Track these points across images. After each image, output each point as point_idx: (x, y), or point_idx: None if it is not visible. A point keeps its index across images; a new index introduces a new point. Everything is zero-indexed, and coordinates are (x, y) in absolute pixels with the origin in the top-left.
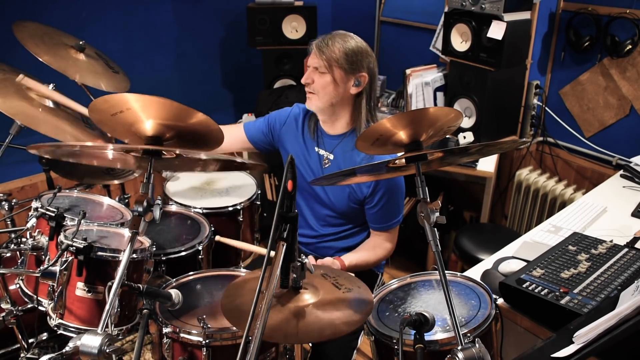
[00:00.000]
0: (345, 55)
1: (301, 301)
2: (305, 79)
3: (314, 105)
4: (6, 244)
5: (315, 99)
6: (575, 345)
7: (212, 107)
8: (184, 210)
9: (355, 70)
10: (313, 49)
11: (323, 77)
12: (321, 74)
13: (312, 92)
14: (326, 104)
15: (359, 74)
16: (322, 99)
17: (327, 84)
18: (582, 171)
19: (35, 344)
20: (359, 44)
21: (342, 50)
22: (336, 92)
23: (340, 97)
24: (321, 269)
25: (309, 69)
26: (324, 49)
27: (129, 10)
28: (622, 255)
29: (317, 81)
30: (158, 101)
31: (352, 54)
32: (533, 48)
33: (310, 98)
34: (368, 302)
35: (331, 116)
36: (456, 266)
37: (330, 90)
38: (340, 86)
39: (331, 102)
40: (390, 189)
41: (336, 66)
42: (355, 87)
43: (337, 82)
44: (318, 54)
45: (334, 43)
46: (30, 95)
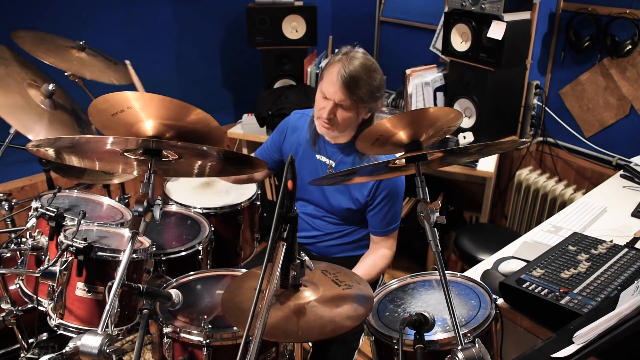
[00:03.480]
0: (371, 92)
1: (301, 299)
2: (329, 115)
3: (332, 136)
4: (6, 244)
5: (333, 131)
6: (575, 345)
7: (212, 107)
8: (184, 210)
9: (374, 102)
10: (333, 79)
11: (347, 112)
12: (345, 109)
13: (332, 125)
14: (343, 133)
15: (375, 103)
16: (341, 131)
17: (351, 120)
18: (582, 171)
19: (35, 344)
20: (377, 70)
21: (369, 90)
22: (355, 123)
23: (355, 124)
24: (321, 267)
25: (329, 102)
26: (352, 89)
27: (129, 10)
28: (622, 255)
29: (339, 116)
30: (157, 99)
31: (375, 90)
32: (533, 48)
33: (328, 129)
34: (368, 298)
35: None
36: (456, 266)
37: (350, 123)
38: (359, 118)
39: (346, 130)
40: (392, 192)
41: (361, 105)
42: (369, 113)
43: (359, 115)
44: (345, 92)
45: (359, 79)
46: (30, 93)
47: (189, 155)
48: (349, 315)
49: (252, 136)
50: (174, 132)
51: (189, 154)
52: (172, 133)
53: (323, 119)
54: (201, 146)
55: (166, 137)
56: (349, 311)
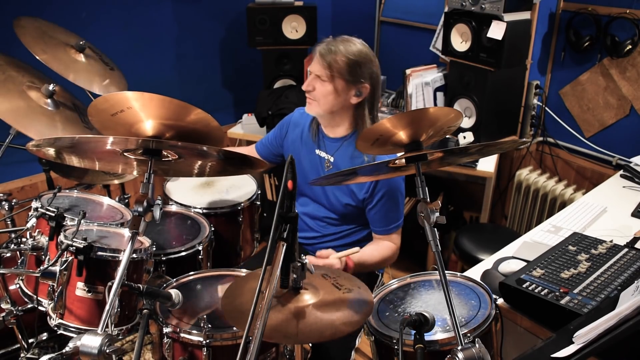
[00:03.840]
0: (348, 66)
1: (301, 301)
2: (307, 86)
3: (314, 111)
4: (6, 244)
5: (315, 105)
6: (575, 345)
7: (212, 107)
8: (184, 210)
9: (357, 81)
10: (316, 55)
11: (324, 85)
12: (323, 82)
13: (313, 98)
14: (326, 112)
15: (361, 84)
16: (322, 106)
17: (328, 92)
18: (582, 171)
19: (35, 344)
20: (363, 53)
21: (345, 61)
22: (337, 101)
23: (341, 105)
24: (322, 270)
25: (310, 75)
26: (327, 58)
27: (129, 10)
28: (622, 255)
29: (318, 89)
30: (157, 98)
31: (354, 65)
32: (533, 48)
33: (310, 104)
34: (368, 302)
35: (331, 121)
36: (456, 266)
37: (331, 99)
38: (341, 96)
39: (331, 110)
40: (390, 190)
41: (338, 77)
42: (356, 97)
43: (339, 92)
44: (320, 61)
45: (337, 52)
46: (30, 95)
47: (189, 155)
48: (348, 319)
49: (252, 136)
50: (174, 132)
51: (189, 154)
52: (172, 133)
53: (305, 92)
54: (201, 146)
55: (166, 137)
56: (348, 315)
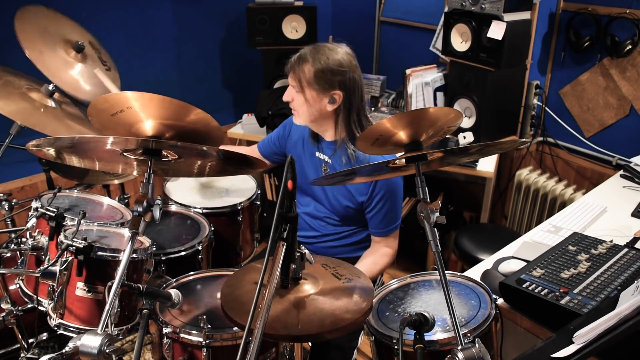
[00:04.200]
0: (315, 76)
1: (301, 292)
2: (286, 98)
3: (297, 120)
4: (6, 244)
5: (296, 115)
6: (575, 345)
7: (212, 107)
8: (184, 210)
9: (327, 90)
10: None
11: (298, 96)
12: (297, 93)
13: (293, 108)
14: (307, 121)
15: (332, 92)
16: (302, 116)
17: (302, 103)
18: (582, 171)
19: (35, 344)
20: (332, 61)
21: (312, 71)
22: (312, 110)
23: (318, 114)
24: (321, 260)
25: (289, 87)
26: (295, 69)
27: (129, 10)
28: (622, 255)
29: (295, 99)
30: (157, 98)
31: (321, 74)
32: (533, 48)
33: (295, 114)
34: (369, 291)
35: (319, 128)
36: (456, 266)
37: (306, 109)
38: (314, 105)
39: (311, 119)
40: (389, 191)
41: (307, 86)
42: (331, 105)
43: (310, 101)
44: (291, 73)
45: (304, 63)
46: (31, 96)
47: (188, 155)
48: (348, 308)
49: (252, 136)
50: (174, 132)
51: (188, 154)
52: (171, 133)
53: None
54: (201, 146)
55: (166, 137)
56: (349, 304)
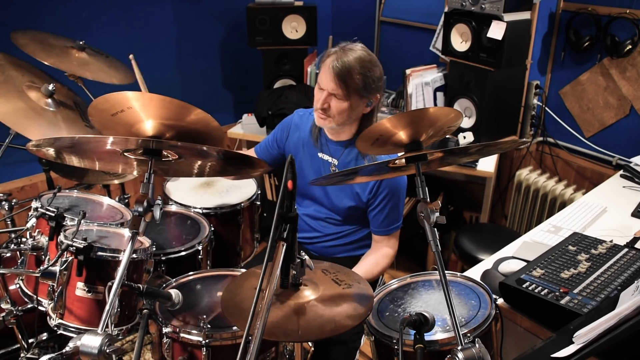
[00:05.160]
0: (364, 82)
1: (301, 298)
2: (322, 104)
3: (327, 125)
4: (6, 244)
5: (329, 121)
6: (575, 345)
7: (212, 107)
8: (184, 210)
9: (370, 94)
10: (329, 70)
11: (340, 103)
12: (338, 100)
13: (327, 115)
14: (339, 125)
15: (373, 96)
16: (337, 121)
17: (344, 109)
18: (582, 171)
19: (35, 344)
20: (373, 63)
21: (361, 78)
22: (351, 115)
23: (355, 117)
24: (321, 266)
25: (323, 92)
26: (342, 75)
27: (129, 10)
28: (622, 255)
29: (333, 106)
30: (157, 98)
31: (370, 79)
32: (533, 48)
33: (324, 119)
34: (368, 297)
35: (338, 130)
36: (456, 266)
37: (346, 115)
38: (355, 110)
39: (344, 123)
40: (392, 190)
41: (354, 94)
42: (368, 107)
43: (354, 107)
44: (336, 80)
45: (352, 67)
46: (30, 95)
47: (189, 155)
48: (348, 314)
49: (252, 136)
50: (174, 132)
51: (189, 154)
52: (172, 133)
53: (318, 109)
54: (201, 146)
55: (166, 137)
56: (348, 310)
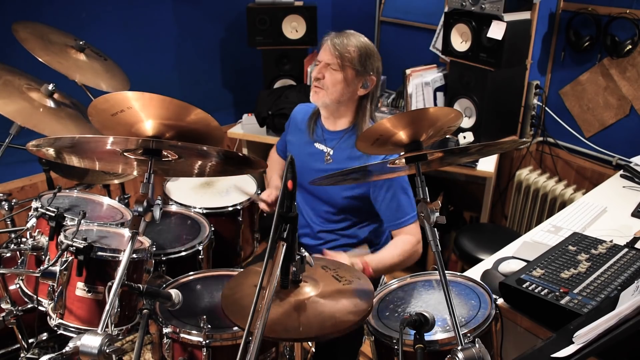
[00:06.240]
0: (359, 56)
1: (301, 294)
2: (317, 73)
3: (320, 100)
4: (6, 244)
5: (322, 94)
6: (575, 345)
7: (212, 107)
8: (184, 210)
9: (365, 73)
10: (327, 43)
11: (334, 74)
12: (333, 70)
13: (321, 87)
14: (333, 101)
15: (369, 76)
16: (330, 95)
17: (338, 81)
18: (582, 171)
19: (35, 344)
20: (371, 47)
21: (357, 51)
22: (345, 91)
23: (348, 96)
24: (321, 262)
25: (320, 64)
26: (339, 47)
27: (129, 10)
28: (622, 255)
29: (327, 77)
30: (157, 98)
31: (365, 56)
32: (533, 48)
33: (318, 92)
34: (369, 293)
35: (334, 113)
36: (456, 266)
37: (340, 89)
38: (350, 86)
39: (338, 100)
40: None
41: (349, 66)
42: (363, 89)
43: (348, 81)
44: (332, 50)
45: (349, 42)
46: (31, 95)
47: (189, 155)
48: (349, 310)
49: (252, 136)
50: (174, 132)
51: (189, 154)
52: (172, 133)
53: (313, 80)
54: (201, 146)
55: (166, 137)
56: (349, 307)
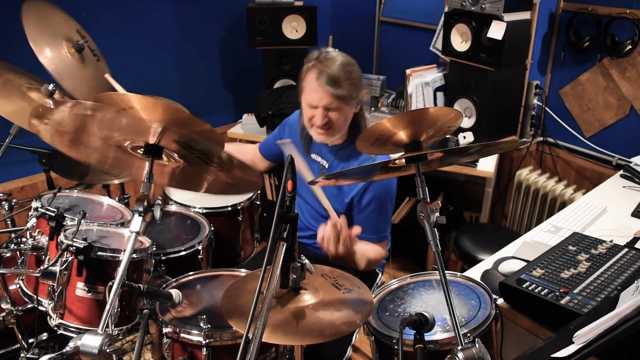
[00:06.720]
0: (353, 85)
1: (301, 302)
2: (322, 121)
3: (329, 139)
4: (6, 244)
5: (331, 134)
6: (575, 345)
7: (212, 107)
8: (184, 210)
9: (359, 95)
10: (316, 87)
11: (337, 113)
12: (335, 112)
13: (329, 127)
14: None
15: (361, 95)
16: (338, 131)
17: (343, 118)
18: (582, 171)
19: (35, 344)
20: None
21: (349, 82)
22: (348, 120)
23: (350, 121)
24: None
25: (317, 109)
26: (336, 89)
27: (129, 10)
28: (622, 255)
29: (334, 119)
30: (164, 104)
31: (356, 81)
32: (533, 48)
33: (325, 134)
34: (368, 302)
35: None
36: (456, 266)
37: (345, 121)
38: (350, 113)
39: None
40: (380, 195)
41: (349, 100)
42: (358, 106)
43: (349, 112)
44: (330, 95)
45: (341, 80)
46: (31, 96)
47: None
48: (348, 319)
49: (252, 136)
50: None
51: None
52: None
53: (317, 126)
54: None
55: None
56: (348, 315)
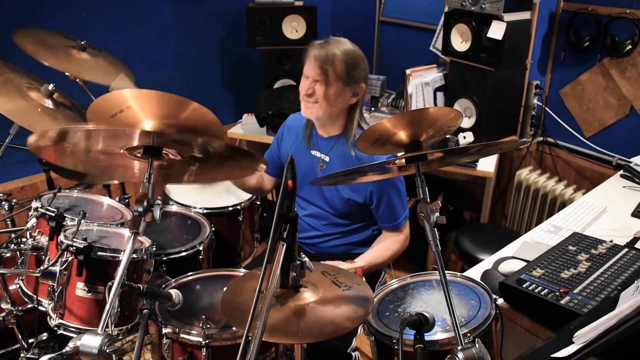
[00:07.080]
0: (345, 67)
1: (301, 300)
2: (307, 90)
3: (314, 114)
4: (6, 244)
5: (315, 108)
6: (575, 345)
7: (212, 107)
8: (184, 210)
9: (354, 82)
10: (310, 59)
11: (324, 88)
12: (321, 85)
13: (313, 101)
14: (325, 113)
15: (358, 85)
16: (322, 108)
17: (329, 95)
18: (582, 171)
19: (35, 344)
20: (356, 53)
21: (342, 63)
22: (336, 102)
23: (340, 106)
24: (321, 268)
25: (307, 80)
26: (323, 61)
27: (129, 10)
28: (622, 255)
29: (318, 92)
30: (155, 94)
31: (351, 66)
32: (533, 48)
33: (309, 107)
34: (368, 299)
35: (326, 122)
36: (456, 266)
37: (332, 101)
38: (340, 98)
39: (331, 112)
40: (385, 187)
41: (335, 80)
42: (354, 97)
43: (337, 93)
44: (317, 65)
45: (334, 53)
46: (30, 95)
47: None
48: (348, 316)
49: (252, 136)
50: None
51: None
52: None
53: (303, 96)
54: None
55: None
56: (348, 312)
